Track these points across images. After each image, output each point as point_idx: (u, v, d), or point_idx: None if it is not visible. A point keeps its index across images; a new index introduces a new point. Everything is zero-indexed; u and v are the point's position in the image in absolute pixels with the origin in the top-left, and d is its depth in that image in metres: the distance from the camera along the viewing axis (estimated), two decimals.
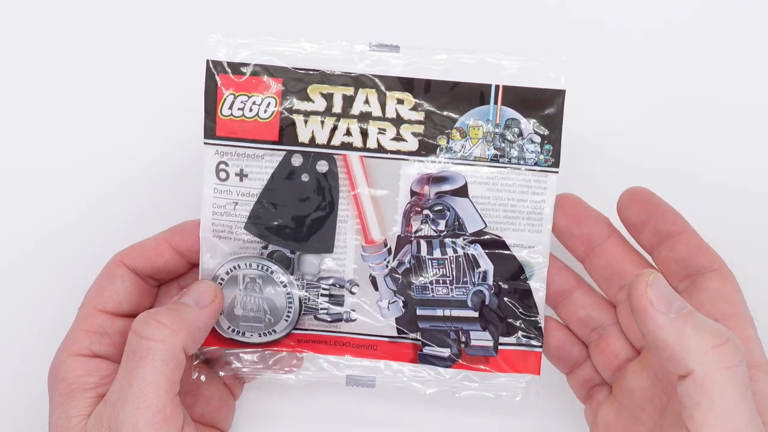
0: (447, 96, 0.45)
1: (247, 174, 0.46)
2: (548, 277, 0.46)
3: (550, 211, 0.46)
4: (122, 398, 0.41)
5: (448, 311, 0.47)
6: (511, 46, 0.47)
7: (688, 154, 0.53)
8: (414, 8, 0.52)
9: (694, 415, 0.37)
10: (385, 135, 0.45)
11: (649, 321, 0.38)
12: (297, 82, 0.45)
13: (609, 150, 0.52)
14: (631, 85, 0.53)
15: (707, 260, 0.43)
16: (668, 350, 0.37)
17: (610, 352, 0.46)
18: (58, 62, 0.53)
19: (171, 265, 0.46)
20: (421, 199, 0.46)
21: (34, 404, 0.48)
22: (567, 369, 0.48)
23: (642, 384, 0.44)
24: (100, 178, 0.52)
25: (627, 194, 0.45)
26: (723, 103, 0.53)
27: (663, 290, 0.38)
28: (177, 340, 0.42)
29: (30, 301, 0.52)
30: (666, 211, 0.45)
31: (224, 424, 0.49)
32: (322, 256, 0.46)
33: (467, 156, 0.46)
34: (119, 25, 0.52)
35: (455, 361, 0.47)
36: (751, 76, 0.53)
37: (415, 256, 0.47)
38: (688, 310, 0.38)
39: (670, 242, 0.44)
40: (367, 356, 0.47)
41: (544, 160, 0.46)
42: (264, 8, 0.52)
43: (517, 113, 0.45)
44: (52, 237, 0.52)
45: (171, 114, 0.50)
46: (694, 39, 0.53)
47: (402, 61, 0.45)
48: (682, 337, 0.37)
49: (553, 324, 0.47)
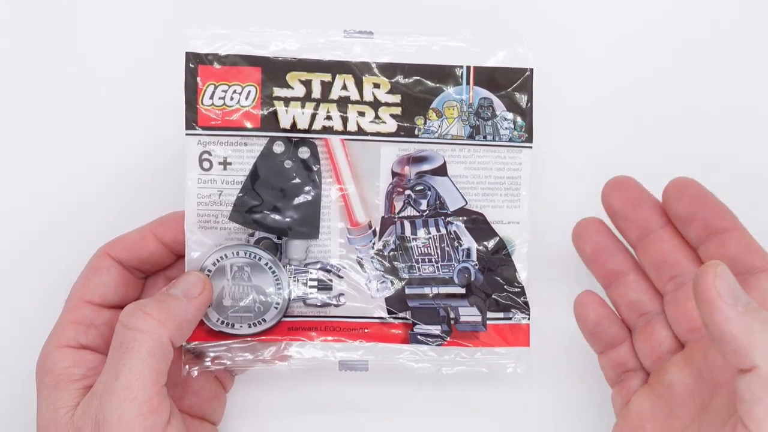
0: (421, 78, 0.47)
1: (231, 162, 0.46)
2: (606, 257, 0.46)
3: (527, 186, 0.47)
4: (108, 390, 0.40)
5: (435, 289, 0.47)
6: (482, 28, 0.49)
7: (664, 129, 0.53)
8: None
9: (754, 409, 0.36)
10: (364, 118, 0.46)
11: (717, 312, 0.36)
12: (276, 71, 0.46)
13: (586, 126, 0.53)
14: (606, 62, 0.54)
15: (759, 260, 0.43)
16: (734, 343, 0.36)
17: (655, 340, 0.45)
18: (38, 58, 0.53)
19: (156, 257, 0.46)
20: (402, 180, 0.47)
21: (22, 396, 0.47)
22: (601, 348, 0.47)
23: (684, 379, 0.43)
24: (84, 170, 0.52)
25: (675, 185, 0.44)
26: (699, 76, 0.53)
27: (731, 283, 0.37)
28: (164, 332, 0.41)
29: (16, 294, 0.51)
30: (716, 205, 0.44)
31: (215, 416, 0.48)
32: (309, 242, 0.47)
33: (444, 135, 0.47)
34: (98, 19, 0.53)
35: (446, 338, 0.47)
36: (732, 52, 0.54)
37: (399, 237, 0.47)
38: (755, 306, 0.37)
39: (720, 239, 0.43)
40: (358, 339, 0.47)
41: (518, 136, 0.47)
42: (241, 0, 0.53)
43: (488, 92, 0.47)
44: (37, 230, 0.51)
45: (154, 106, 0.51)
46: (671, 12, 0.54)
47: (377, 46, 0.46)
48: (750, 331, 0.36)
49: (594, 299, 0.47)
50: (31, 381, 0.43)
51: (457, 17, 0.53)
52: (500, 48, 0.47)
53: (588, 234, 0.47)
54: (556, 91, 0.50)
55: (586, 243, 0.47)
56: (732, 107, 0.53)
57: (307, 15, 0.52)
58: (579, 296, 0.47)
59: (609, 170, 0.47)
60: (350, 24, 0.47)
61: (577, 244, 0.47)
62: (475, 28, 0.48)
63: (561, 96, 0.52)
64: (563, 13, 0.54)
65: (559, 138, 0.52)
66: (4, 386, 0.51)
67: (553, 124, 0.51)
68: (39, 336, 0.44)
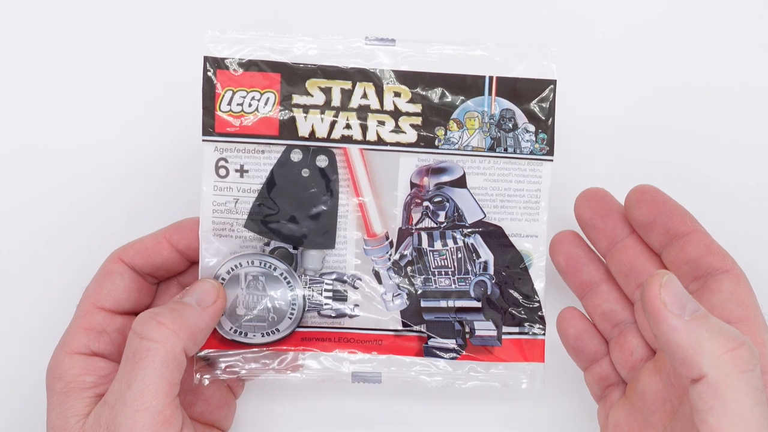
0: (443, 88, 0.46)
1: (247, 170, 0.45)
2: (578, 267, 0.46)
3: (546, 199, 0.47)
4: (121, 399, 0.40)
5: (451, 302, 0.47)
6: (505, 38, 0.48)
7: (684, 144, 0.53)
8: (408, 2, 0.53)
9: (707, 419, 0.36)
10: (384, 127, 0.46)
11: (663, 323, 0.36)
12: (295, 77, 0.45)
13: (604, 140, 0.53)
14: (625, 76, 0.53)
15: (718, 261, 0.42)
16: (681, 353, 0.36)
17: (628, 349, 0.45)
18: (55, 60, 0.52)
19: (170, 263, 0.45)
20: (420, 191, 0.46)
21: (32, 403, 0.47)
22: (584, 363, 0.47)
23: (655, 387, 0.43)
24: (99, 174, 0.51)
25: (635, 192, 0.44)
26: (717, 91, 0.53)
27: (677, 292, 0.37)
28: (177, 342, 0.41)
29: (28, 298, 0.51)
30: (675, 210, 0.44)
31: (224, 424, 0.47)
32: (325, 252, 0.46)
33: (465, 146, 0.46)
34: (117, 22, 0.52)
35: (460, 352, 0.46)
36: (746, 65, 0.53)
37: (416, 249, 0.47)
38: (702, 313, 0.37)
39: (680, 243, 0.43)
40: (372, 351, 0.46)
41: (539, 149, 0.46)
42: (260, 3, 0.52)
43: (511, 103, 0.46)
44: (51, 234, 0.51)
45: (171, 110, 0.50)
46: (688, 27, 0.54)
47: (398, 54, 0.46)
48: (696, 340, 0.36)
49: (575, 314, 0.47)
50: (42, 387, 0.43)
51: (478, 25, 0.52)
52: (524, 59, 0.46)
53: (561, 246, 0.47)
54: (577, 102, 0.50)
55: (559, 255, 0.47)
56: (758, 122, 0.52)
57: (327, 21, 0.51)
58: (560, 312, 0.47)
59: (627, 184, 0.46)
60: (372, 31, 0.46)
61: (552, 257, 0.47)
62: (497, 36, 0.47)
63: (581, 108, 0.51)
64: (586, 22, 0.53)
65: (578, 151, 0.51)
66: (15, 392, 0.50)
67: (573, 136, 0.50)
68: (50, 341, 0.44)
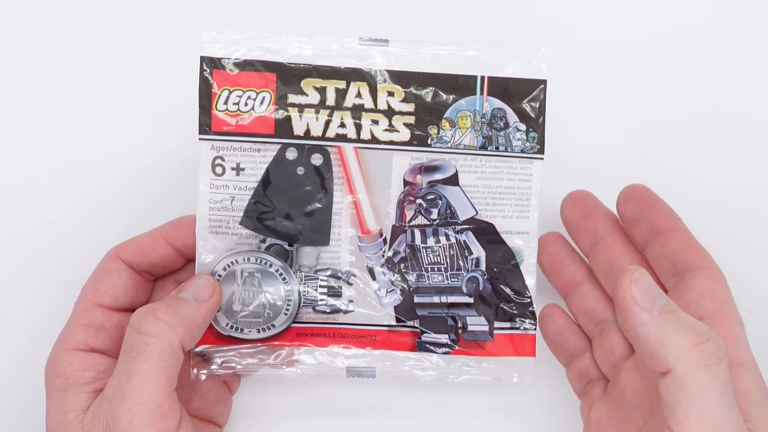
0: (435, 87, 0.47)
1: (243, 168, 0.46)
2: (561, 267, 0.47)
3: (537, 197, 0.47)
4: (120, 394, 0.41)
5: (444, 298, 0.47)
6: (496, 38, 0.49)
7: (675, 144, 0.53)
8: (402, 3, 0.54)
9: (675, 412, 0.37)
10: (378, 126, 0.46)
11: (632, 318, 0.38)
12: (291, 77, 0.46)
13: (595, 139, 0.53)
14: (616, 76, 0.54)
15: (696, 258, 0.43)
16: (649, 347, 0.37)
17: (609, 346, 0.46)
18: (52, 60, 0.53)
19: (167, 260, 0.46)
20: (413, 189, 0.47)
21: (31, 399, 0.47)
22: (565, 359, 0.48)
23: (634, 383, 0.44)
24: (96, 173, 0.52)
25: (625, 190, 0.46)
26: (708, 93, 0.54)
27: (647, 287, 0.38)
28: (175, 336, 0.42)
29: (26, 295, 0.51)
30: (660, 208, 0.45)
31: (221, 419, 0.48)
32: (319, 248, 0.47)
33: (457, 145, 0.47)
34: (113, 22, 0.53)
35: (453, 347, 0.47)
36: (740, 68, 0.54)
37: (409, 245, 0.47)
38: (671, 308, 0.38)
39: (662, 239, 0.44)
40: (366, 346, 0.47)
41: (530, 148, 0.47)
42: (255, 4, 0.53)
43: (502, 103, 0.47)
44: (48, 231, 0.51)
45: (167, 109, 0.51)
46: (680, 29, 0.54)
47: (392, 54, 0.46)
48: (664, 335, 0.37)
49: (556, 310, 0.48)
50: (41, 383, 0.44)
51: (471, 26, 0.53)
52: (515, 59, 0.47)
53: (545, 247, 0.48)
54: (568, 101, 0.50)
55: (543, 256, 0.48)
56: (756, 120, 0.53)
57: (322, 22, 0.52)
58: (542, 309, 0.48)
59: (617, 182, 0.47)
60: (366, 31, 0.47)
61: (538, 258, 0.48)
62: (489, 37, 0.48)
63: (572, 107, 0.52)
64: (578, 23, 0.54)
65: (569, 148, 0.52)
66: (14, 388, 0.51)
67: (564, 134, 0.51)
68: (48, 338, 0.44)
